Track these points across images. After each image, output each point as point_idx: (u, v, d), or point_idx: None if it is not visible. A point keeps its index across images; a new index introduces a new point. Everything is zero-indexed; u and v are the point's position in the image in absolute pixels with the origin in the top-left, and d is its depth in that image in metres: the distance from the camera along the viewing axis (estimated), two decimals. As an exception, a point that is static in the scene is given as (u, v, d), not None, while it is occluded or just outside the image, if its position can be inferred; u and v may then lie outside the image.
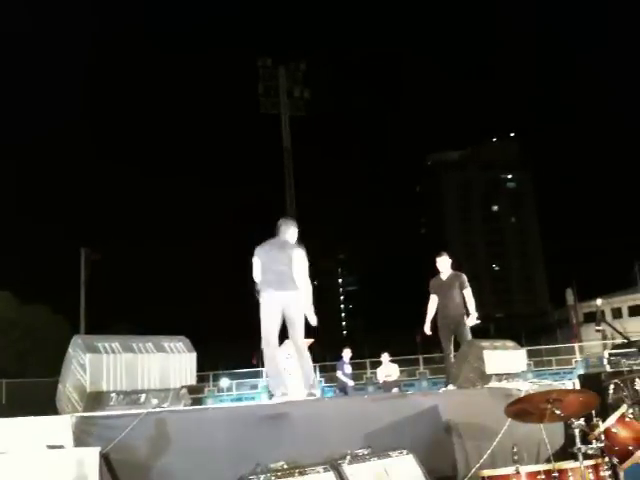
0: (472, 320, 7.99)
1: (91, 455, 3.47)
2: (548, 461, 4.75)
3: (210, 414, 4.33)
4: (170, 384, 4.33)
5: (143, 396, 4.26)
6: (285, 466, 3.82)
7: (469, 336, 7.79)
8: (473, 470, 4.86)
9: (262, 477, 3.65)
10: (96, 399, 4.10)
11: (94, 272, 28.80)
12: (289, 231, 6.46)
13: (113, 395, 4.16)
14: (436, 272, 8.58)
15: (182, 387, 4.41)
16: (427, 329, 8.43)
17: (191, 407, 4.42)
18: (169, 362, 4.32)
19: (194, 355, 4.46)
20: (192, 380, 4.45)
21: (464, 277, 8.35)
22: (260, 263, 6.19)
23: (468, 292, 8.20)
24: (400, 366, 17.07)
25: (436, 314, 8.32)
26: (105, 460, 3.61)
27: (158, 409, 4.20)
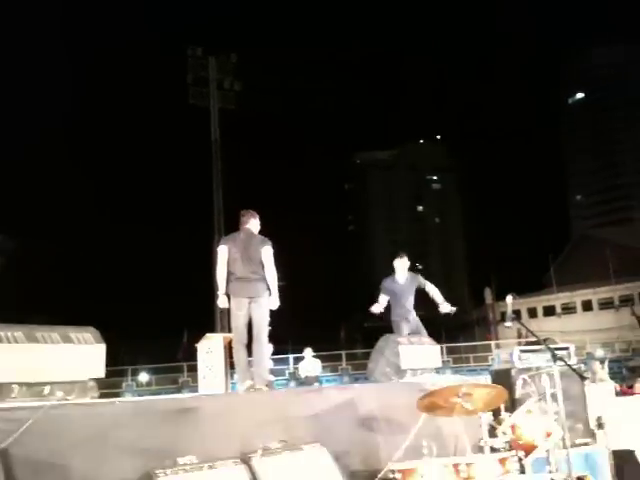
0: (447, 307, 8.24)
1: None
2: (463, 455, 4.84)
3: (117, 408, 4.19)
4: (76, 376, 4.17)
5: (47, 388, 4.09)
6: (194, 460, 3.75)
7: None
8: (388, 464, 4.90)
9: (170, 471, 3.56)
10: (-4, 391, 3.90)
11: (9, 261, 27.69)
12: (251, 222, 6.54)
13: (15, 386, 3.97)
14: (390, 273, 8.59)
15: (89, 379, 4.25)
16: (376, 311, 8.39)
17: (97, 400, 4.26)
18: (76, 353, 4.16)
19: (103, 347, 4.31)
20: (100, 373, 4.30)
21: (420, 277, 8.47)
22: (227, 257, 6.30)
23: (430, 287, 8.37)
24: (323, 362, 17.15)
25: (387, 314, 8.39)
26: (3, 455, 3.44)
27: (63, 402, 4.03)
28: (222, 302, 6.33)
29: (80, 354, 4.19)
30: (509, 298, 5.53)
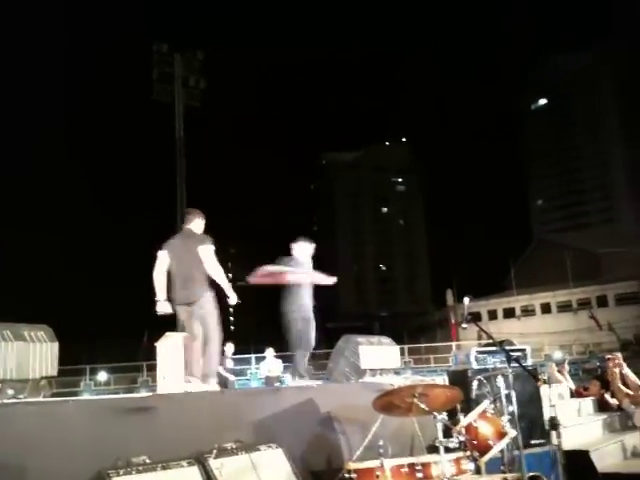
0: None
1: None
2: (420, 455, 4.87)
3: (70, 406, 4.11)
4: (29, 374, 4.09)
5: (-1, 387, 4.00)
6: (147, 460, 3.70)
7: None
8: (346, 464, 4.90)
9: (122, 471, 3.51)
10: (-57, 389, 3.81)
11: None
12: (194, 222, 6.47)
13: (-36, 385, 3.88)
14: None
15: (42, 378, 4.17)
16: None
17: (50, 399, 4.18)
18: (28, 351, 4.08)
19: (56, 345, 4.23)
20: (53, 371, 4.22)
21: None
22: (167, 261, 6.25)
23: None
24: (285, 362, 17.09)
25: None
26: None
27: (13, 400, 3.95)
28: (161, 307, 6.19)
29: (33, 352, 4.11)
30: (466, 300, 5.59)
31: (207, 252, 6.22)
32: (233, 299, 6.34)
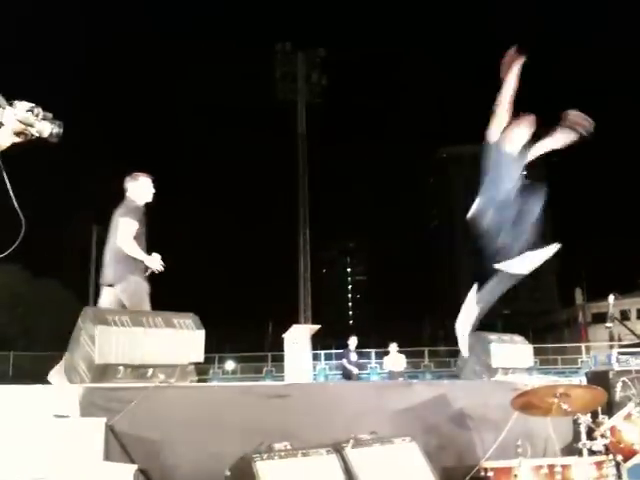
0: None
1: (97, 426, 3.49)
2: (553, 456, 4.73)
3: (216, 391, 4.34)
4: (177, 360, 4.35)
5: (150, 370, 4.28)
6: (289, 447, 3.83)
7: None
8: (480, 462, 4.85)
9: (265, 456, 3.66)
10: (103, 371, 4.12)
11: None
12: (128, 186, 5.82)
13: (120, 368, 4.18)
14: None
15: (189, 364, 4.42)
16: None
17: (197, 384, 4.43)
18: (177, 338, 4.33)
19: (202, 332, 4.46)
20: (199, 357, 4.46)
21: None
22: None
23: None
24: (405, 358, 17.05)
25: None
26: (111, 431, 3.63)
27: (165, 384, 4.21)
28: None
29: (181, 339, 4.36)
30: (611, 298, 5.35)
31: (119, 223, 5.61)
32: (153, 266, 5.65)
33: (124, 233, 5.52)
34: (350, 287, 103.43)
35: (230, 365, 28.88)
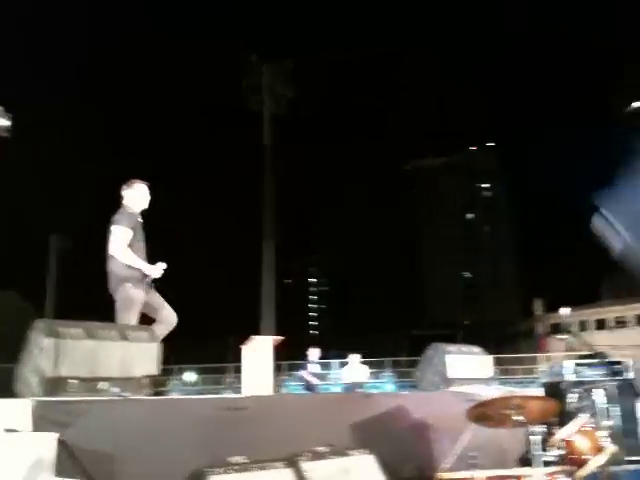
0: None
1: (49, 440, 3.41)
2: (508, 467, 4.78)
3: (170, 404, 4.28)
4: (132, 373, 4.28)
5: (104, 383, 4.21)
6: (244, 460, 3.79)
7: None
8: (437, 474, 4.87)
9: (219, 470, 3.61)
10: (55, 385, 4.04)
11: (66, 260, 28.35)
12: (124, 194, 5.85)
13: (73, 381, 4.10)
14: None
15: (143, 376, 4.36)
16: None
17: (152, 397, 4.36)
18: (132, 351, 4.27)
19: (157, 345, 4.41)
20: (155, 370, 4.40)
21: None
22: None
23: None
24: (368, 368, 17.06)
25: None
26: (62, 446, 3.55)
27: (118, 397, 4.14)
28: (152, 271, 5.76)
29: (136, 352, 4.30)
30: (564, 310, 5.43)
31: (111, 232, 5.61)
32: (154, 273, 5.72)
33: (116, 240, 5.55)
34: (313, 297, 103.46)
35: (190, 377, 28.59)
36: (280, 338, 6.80)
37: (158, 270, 5.72)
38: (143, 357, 4.35)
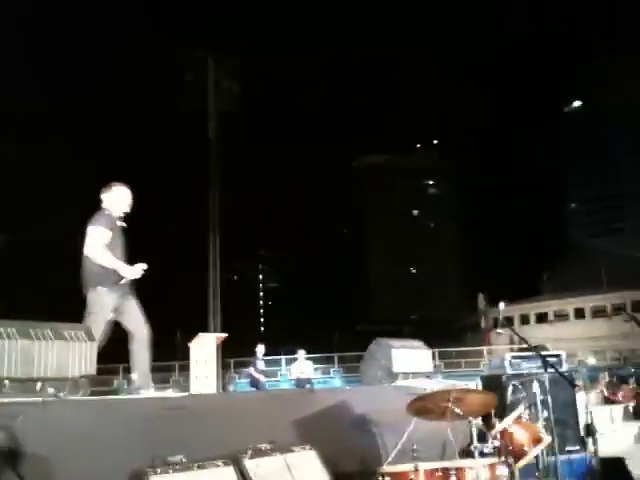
0: None
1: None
2: (450, 459, 4.85)
3: (109, 405, 4.19)
4: (68, 373, 4.17)
5: (39, 384, 4.09)
6: (184, 460, 3.75)
7: None
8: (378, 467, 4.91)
9: (159, 470, 3.57)
10: (-12, 386, 3.91)
11: (1, 259, 27.52)
12: (104, 196, 5.70)
13: (6, 382, 3.97)
14: None
15: (81, 377, 4.25)
16: None
17: (89, 397, 4.27)
18: (68, 350, 4.16)
19: (95, 344, 4.31)
20: (92, 370, 4.30)
21: None
22: None
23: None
24: (315, 364, 17.16)
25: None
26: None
27: (54, 398, 4.04)
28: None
29: (72, 351, 4.19)
30: (501, 305, 5.55)
31: (87, 233, 5.46)
32: (132, 275, 5.58)
33: (92, 241, 5.40)
34: (262, 294, 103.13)
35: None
36: (224, 335, 6.77)
37: (137, 271, 5.57)
38: (80, 356, 4.24)
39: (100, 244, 5.42)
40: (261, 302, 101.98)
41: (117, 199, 5.72)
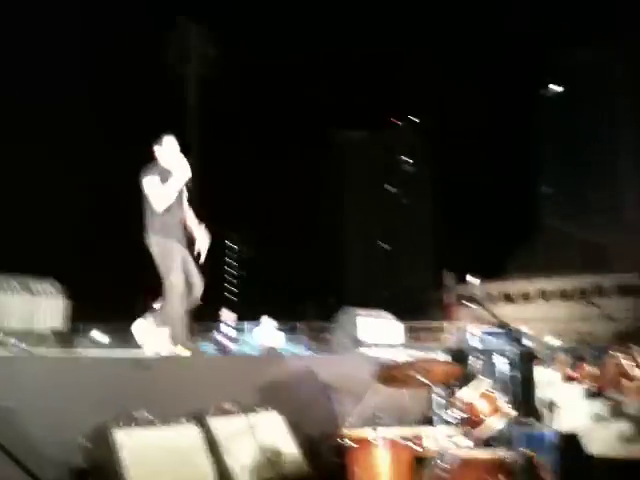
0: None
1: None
2: (410, 426, 4.94)
3: (75, 361, 4.17)
4: (33, 326, 4.13)
5: (4, 337, 4.06)
6: (148, 416, 3.76)
7: None
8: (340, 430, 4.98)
9: (125, 424, 3.58)
10: (-49, 336, 3.86)
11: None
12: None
13: (-31, 333, 3.93)
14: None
15: (47, 330, 4.21)
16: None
17: (54, 350, 4.24)
18: (34, 304, 4.11)
19: (62, 298, 4.26)
20: (60, 324, 4.26)
21: None
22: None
23: None
24: (283, 332, 17.15)
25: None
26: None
27: (19, 351, 4.00)
28: None
29: (39, 305, 4.14)
30: (472, 280, 5.62)
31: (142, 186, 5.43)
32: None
33: (147, 190, 5.33)
34: (235, 264, 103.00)
35: (99, 335, 27.87)
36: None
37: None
38: (47, 311, 4.20)
39: (156, 188, 5.33)
40: (235, 272, 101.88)
41: (165, 151, 5.59)
